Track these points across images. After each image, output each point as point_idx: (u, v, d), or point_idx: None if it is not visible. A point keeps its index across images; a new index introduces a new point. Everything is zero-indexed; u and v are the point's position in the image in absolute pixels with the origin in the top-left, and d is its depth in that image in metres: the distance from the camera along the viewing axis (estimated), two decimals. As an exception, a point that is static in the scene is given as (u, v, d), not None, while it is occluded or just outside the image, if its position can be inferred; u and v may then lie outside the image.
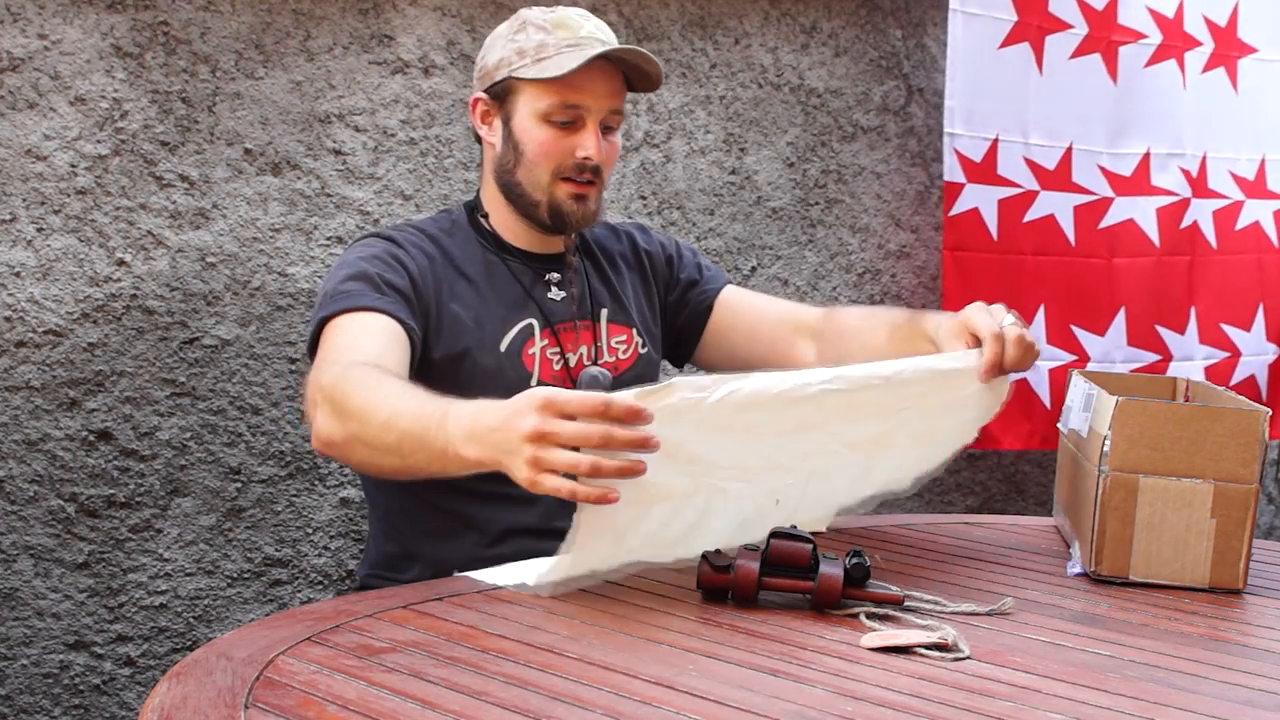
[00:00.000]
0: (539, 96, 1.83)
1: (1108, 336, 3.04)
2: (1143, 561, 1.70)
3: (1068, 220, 2.98)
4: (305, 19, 2.34)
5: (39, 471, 2.21)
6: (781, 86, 2.85)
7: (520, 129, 1.86)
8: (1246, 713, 1.27)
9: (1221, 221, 3.13)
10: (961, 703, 1.23)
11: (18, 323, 2.18)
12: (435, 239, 1.90)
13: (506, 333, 1.86)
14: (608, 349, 1.94)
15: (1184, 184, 3.06)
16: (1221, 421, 1.69)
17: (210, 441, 2.33)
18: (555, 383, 1.86)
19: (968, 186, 2.90)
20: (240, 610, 2.38)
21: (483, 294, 1.87)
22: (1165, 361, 3.08)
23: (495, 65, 1.87)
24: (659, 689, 1.22)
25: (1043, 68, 2.92)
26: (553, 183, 1.85)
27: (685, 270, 2.08)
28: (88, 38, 2.19)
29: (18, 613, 2.23)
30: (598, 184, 1.87)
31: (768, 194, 2.86)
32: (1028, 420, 2.97)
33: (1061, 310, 3.00)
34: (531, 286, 1.91)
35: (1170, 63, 3.02)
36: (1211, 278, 3.13)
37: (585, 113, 1.84)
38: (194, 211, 2.28)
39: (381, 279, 1.78)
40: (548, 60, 1.82)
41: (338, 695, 1.18)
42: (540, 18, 1.87)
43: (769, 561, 1.50)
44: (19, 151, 2.16)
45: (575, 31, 1.85)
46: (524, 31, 1.86)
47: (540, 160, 1.85)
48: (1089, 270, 3.02)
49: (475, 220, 1.94)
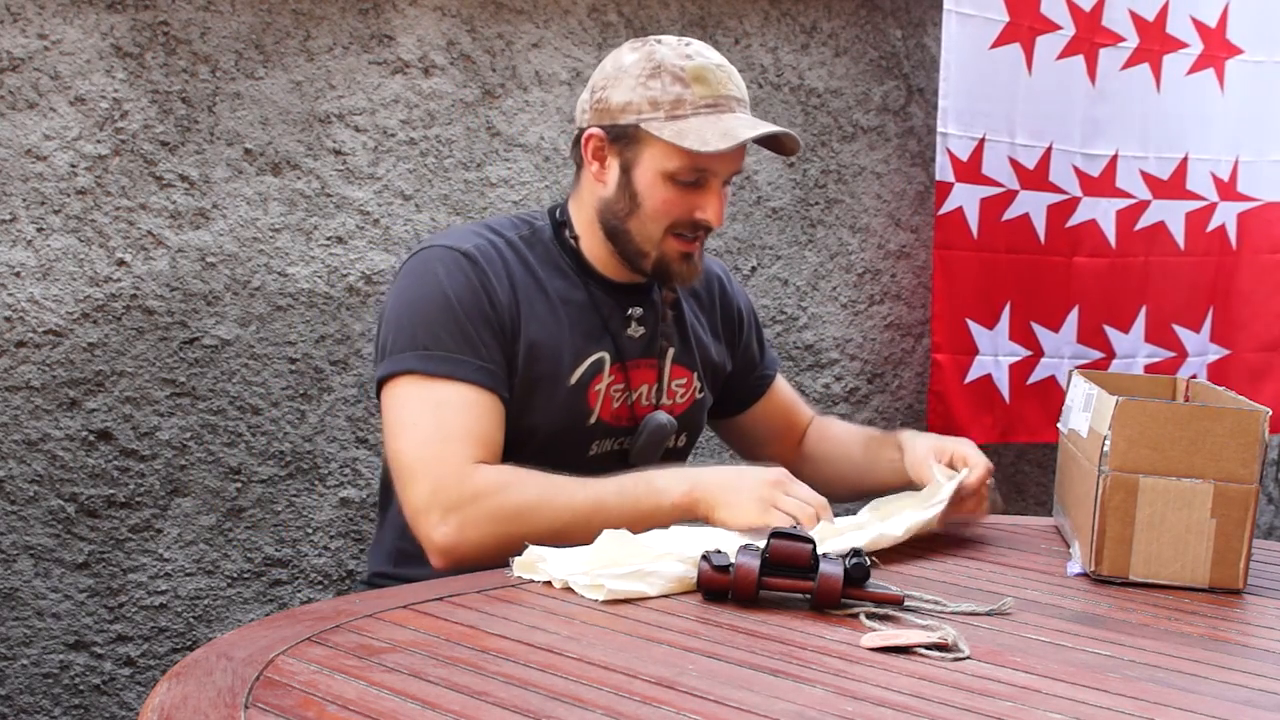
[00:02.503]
0: (669, 157, 1.76)
1: (1061, 333, 3.08)
2: (1143, 561, 1.70)
3: (1040, 219, 3.03)
4: (305, 19, 2.34)
5: (39, 471, 2.22)
6: (781, 86, 2.85)
7: (642, 182, 1.78)
8: (1246, 713, 1.27)
9: (1193, 223, 3.16)
10: (961, 703, 1.23)
11: (18, 323, 2.18)
12: (516, 248, 1.84)
13: (579, 365, 1.82)
14: (667, 391, 1.92)
15: (1143, 187, 3.10)
16: (1221, 421, 1.69)
17: (210, 441, 2.33)
18: (614, 420, 1.85)
19: (956, 186, 2.92)
20: (240, 610, 2.38)
21: (561, 318, 1.82)
22: (1108, 360, 3.14)
23: (621, 107, 1.78)
24: (659, 689, 1.22)
25: (1032, 68, 2.93)
26: (664, 239, 1.80)
27: (750, 342, 2.09)
28: (88, 38, 2.19)
29: (18, 613, 2.23)
30: (703, 239, 1.84)
31: (768, 194, 2.86)
32: (989, 414, 3.02)
33: (1024, 307, 3.05)
34: (609, 318, 1.86)
35: (1144, 66, 3.05)
36: (1166, 279, 3.16)
37: (712, 175, 1.78)
38: (194, 211, 2.28)
39: (479, 337, 1.73)
40: (685, 122, 1.74)
41: (338, 695, 1.17)
42: (677, 66, 1.77)
43: (769, 561, 1.50)
44: (19, 151, 2.16)
45: (714, 89, 1.76)
46: (659, 79, 1.77)
47: (659, 218, 1.79)
48: (1051, 268, 3.06)
49: (561, 236, 1.88)
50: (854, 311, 2.99)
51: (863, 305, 2.99)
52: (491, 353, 1.75)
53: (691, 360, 1.96)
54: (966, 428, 2.95)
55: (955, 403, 2.99)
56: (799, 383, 2.91)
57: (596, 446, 1.86)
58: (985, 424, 3.02)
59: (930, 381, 3.00)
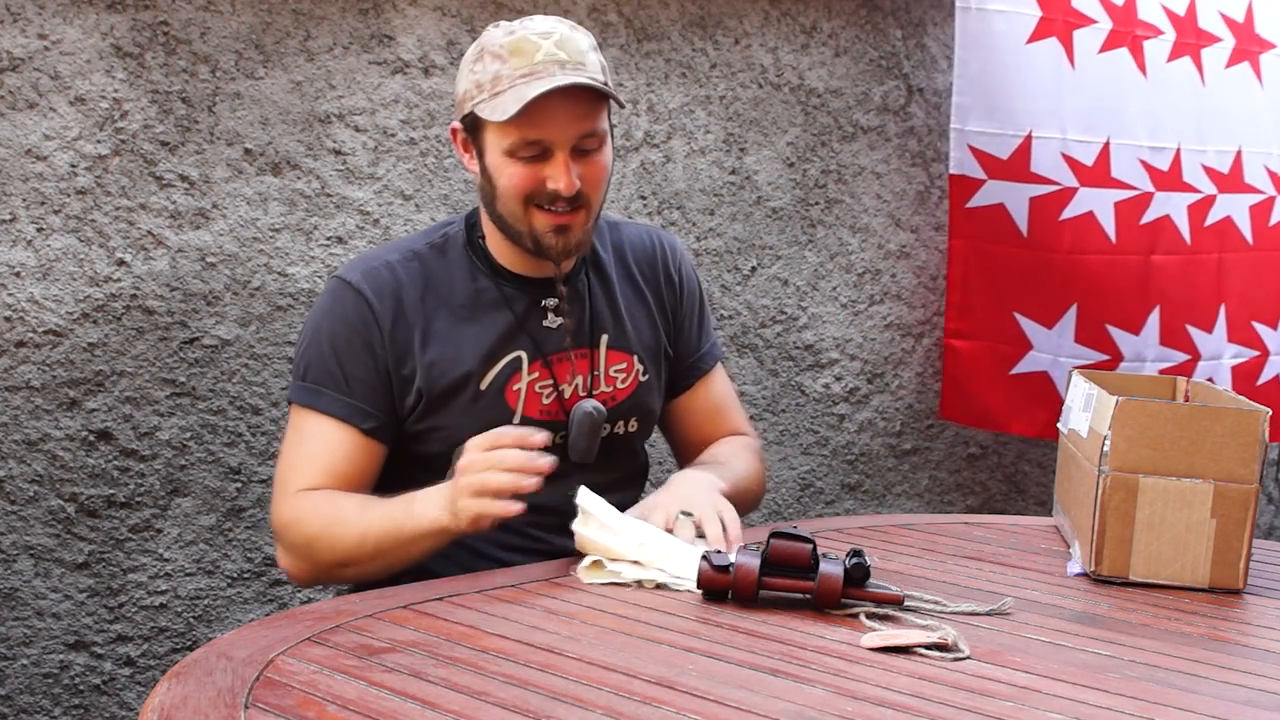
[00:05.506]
0: (501, 134, 1.74)
1: (1142, 335, 3.01)
2: (1143, 561, 1.71)
3: (1108, 217, 2.94)
4: (305, 19, 2.34)
5: (39, 471, 2.22)
6: (781, 86, 2.85)
7: (492, 164, 1.77)
8: (1246, 713, 1.27)
9: (1257, 218, 3.10)
10: (961, 703, 1.23)
11: (18, 323, 2.18)
12: (423, 259, 1.83)
13: (490, 369, 1.81)
14: (605, 378, 1.88)
15: (1207, 181, 3.04)
16: (1221, 421, 1.69)
17: (210, 441, 2.33)
18: (545, 417, 1.81)
19: (989, 182, 2.85)
20: (240, 610, 2.38)
21: (468, 325, 1.81)
22: (1193, 361, 3.06)
23: (462, 96, 1.79)
24: (659, 689, 1.22)
25: (1074, 62, 2.89)
26: (528, 214, 1.77)
27: (689, 322, 2.00)
28: (88, 38, 2.19)
29: (18, 613, 2.23)
30: (583, 210, 1.78)
31: (768, 194, 2.86)
32: (1043, 409, 2.94)
33: (1095, 309, 2.96)
34: (525, 314, 1.83)
35: (1186, 59, 3.01)
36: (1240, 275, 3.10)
37: (551, 145, 1.73)
38: (194, 211, 2.28)
39: (344, 371, 1.77)
40: (501, 96, 1.72)
41: (338, 695, 1.18)
42: (498, 43, 1.75)
43: (769, 561, 1.50)
44: (19, 151, 2.16)
45: (530, 58, 1.73)
46: (481, 61, 1.76)
47: (513, 196, 1.76)
48: (1126, 267, 2.98)
49: (473, 239, 1.86)
50: (854, 311, 2.99)
51: (863, 305, 2.99)
52: (357, 386, 1.77)
53: (629, 343, 1.90)
54: (1005, 418, 2.92)
55: (991, 390, 2.94)
56: (799, 383, 2.91)
57: None
58: (1035, 418, 2.96)
59: (945, 365, 2.95)
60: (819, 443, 2.96)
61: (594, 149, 1.76)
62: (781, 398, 2.90)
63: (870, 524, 2.01)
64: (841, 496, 3.01)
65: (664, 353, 1.96)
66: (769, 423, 2.88)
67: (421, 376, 1.78)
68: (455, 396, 1.79)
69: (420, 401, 1.78)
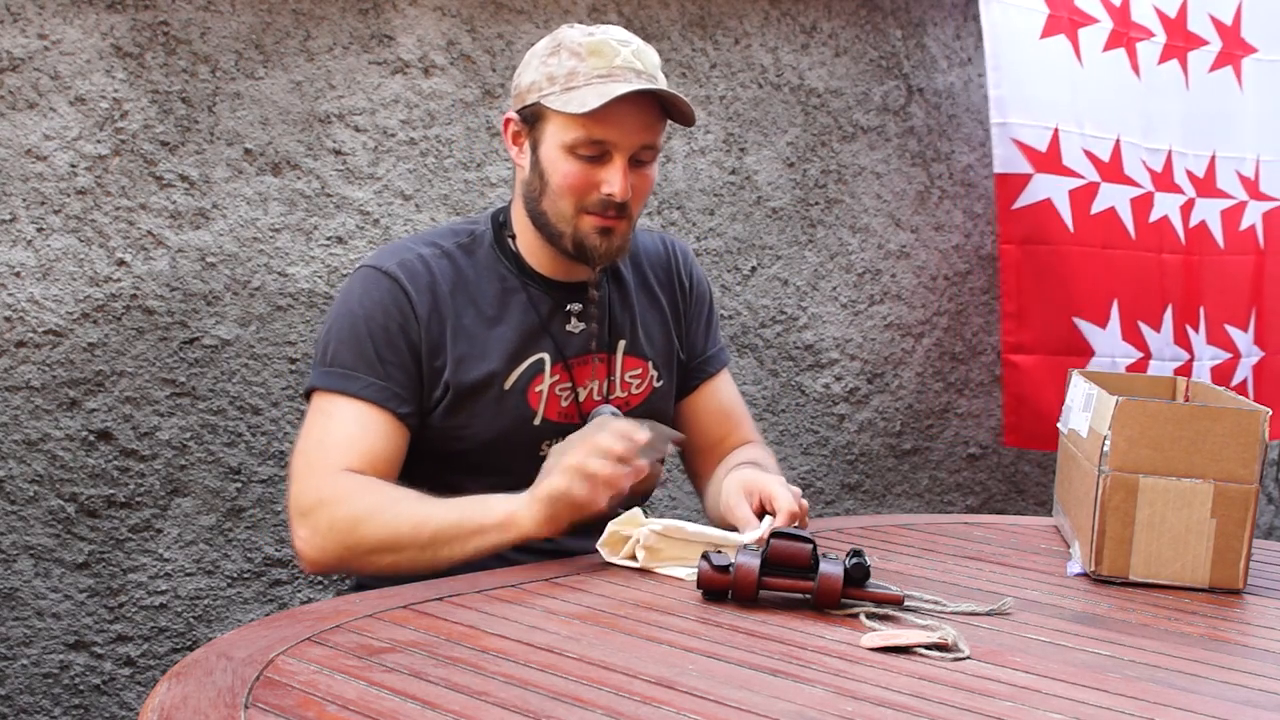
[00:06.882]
0: (566, 129, 1.76)
1: (1161, 333, 3.00)
2: (1143, 561, 1.71)
3: (1126, 213, 2.94)
4: (305, 19, 2.34)
5: (39, 471, 2.22)
6: (781, 86, 2.85)
7: (547, 158, 1.78)
8: (1246, 713, 1.27)
9: (1228, 222, 3.12)
10: (961, 703, 1.23)
11: (18, 323, 2.18)
12: (452, 258, 1.85)
13: (514, 369, 1.83)
14: (620, 384, 1.91)
15: (1189, 184, 3.05)
16: (1221, 421, 1.69)
17: (210, 441, 2.33)
18: (562, 420, 1.84)
19: (1036, 176, 2.82)
20: (240, 610, 2.38)
21: (494, 324, 1.83)
22: (1192, 361, 3.05)
23: (527, 87, 1.80)
24: (659, 689, 1.22)
25: (1082, 60, 2.89)
26: (577, 216, 1.79)
27: (697, 323, 2.02)
28: (88, 38, 2.19)
29: (18, 613, 2.23)
30: (627, 218, 1.82)
31: (768, 194, 2.86)
32: None
33: (1130, 305, 2.95)
34: (549, 317, 1.86)
35: (1174, 62, 3.02)
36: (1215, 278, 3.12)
37: (613, 148, 1.76)
38: (194, 211, 2.28)
39: (379, 356, 1.77)
40: (576, 91, 1.74)
41: (338, 695, 1.18)
42: (576, 41, 1.78)
43: (769, 561, 1.50)
44: (19, 151, 2.16)
45: (609, 60, 1.76)
46: (557, 55, 1.78)
47: (565, 193, 1.78)
48: (1144, 264, 2.98)
49: (502, 239, 1.88)
50: (854, 311, 2.98)
51: (863, 305, 2.99)
52: (393, 371, 1.77)
53: (643, 349, 1.94)
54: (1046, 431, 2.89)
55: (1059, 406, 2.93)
56: (799, 383, 2.91)
57: (546, 446, 1.85)
58: None
59: (1005, 385, 2.88)
60: (819, 443, 2.96)
61: (648, 161, 1.81)
62: (781, 398, 2.90)
63: (870, 524, 2.02)
64: (841, 496, 3.01)
65: (676, 357, 1.99)
66: (769, 423, 2.88)
67: (450, 370, 1.79)
68: (480, 394, 1.80)
69: (447, 395, 1.79)
